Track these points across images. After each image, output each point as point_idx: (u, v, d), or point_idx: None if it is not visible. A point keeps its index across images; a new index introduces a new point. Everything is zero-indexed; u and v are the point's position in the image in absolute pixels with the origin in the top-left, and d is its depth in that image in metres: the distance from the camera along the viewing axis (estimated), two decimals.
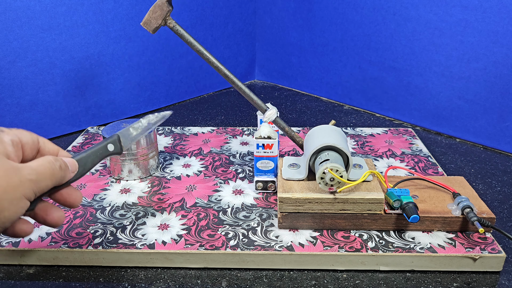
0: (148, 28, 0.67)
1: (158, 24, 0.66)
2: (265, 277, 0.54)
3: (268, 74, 1.29)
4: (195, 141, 0.86)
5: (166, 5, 0.66)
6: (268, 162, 0.66)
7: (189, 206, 0.65)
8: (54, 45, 0.88)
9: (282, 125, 0.68)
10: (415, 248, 0.55)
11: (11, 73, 0.84)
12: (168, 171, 0.75)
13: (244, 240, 0.57)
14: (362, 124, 0.98)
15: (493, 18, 0.80)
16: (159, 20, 0.66)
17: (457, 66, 0.88)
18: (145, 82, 1.05)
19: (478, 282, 0.53)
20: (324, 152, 0.59)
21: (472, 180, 0.75)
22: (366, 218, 0.58)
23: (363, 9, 1.00)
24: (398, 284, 0.53)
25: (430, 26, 0.89)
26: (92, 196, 0.68)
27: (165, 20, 0.67)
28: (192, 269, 0.56)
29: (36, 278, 0.54)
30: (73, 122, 0.95)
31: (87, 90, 0.95)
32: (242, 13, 1.20)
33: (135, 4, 0.96)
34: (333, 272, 0.55)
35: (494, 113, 0.85)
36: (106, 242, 0.57)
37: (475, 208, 0.57)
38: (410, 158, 0.79)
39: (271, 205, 0.65)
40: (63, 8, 0.87)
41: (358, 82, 1.06)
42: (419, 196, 0.62)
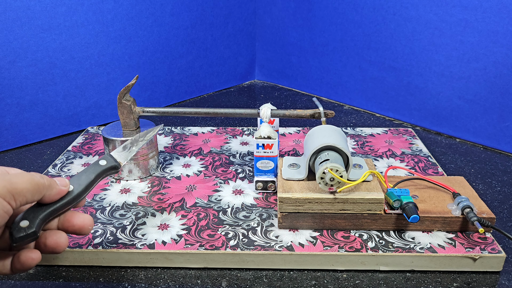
0: (130, 128, 0.72)
1: (134, 119, 0.72)
2: (265, 277, 0.54)
3: (268, 74, 1.29)
4: (195, 141, 0.86)
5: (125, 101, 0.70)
6: (268, 162, 0.66)
7: (189, 206, 0.65)
8: (54, 45, 0.88)
9: (282, 113, 0.69)
10: (415, 248, 0.55)
11: (11, 73, 0.84)
12: (168, 171, 0.75)
13: (244, 240, 0.57)
14: (362, 124, 0.98)
15: (493, 18, 0.80)
16: (131, 116, 0.72)
17: (457, 66, 0.88)
18: (145, 82, 1.05)
19: (478, 282, 0.53)
20: (324, 152, 0.59)
21: (472, 180, 0.75)
22: (366, 218, 0.58)
23: (363, 9, 1.00)
24: (398, 284, 0.53)
25: (430, 26, 0.89)
26: (92, 196, 0.68)
27: (134, 113, 0.72)
28: (192, 269, 0.56)
29: (36, 278, 0.54)
30: (73, 122, 0.95)
31: (87, 90, 0.95)
32: (242, 13, 1.20)
33: (135, 4, 0.97)
34: (333, 272, 0.55)
35: (494, 113, 0.85)
36: (106, 242, 0.57)
37: (475, 208, 0.57)
38: (410, 158, 0.79)
39: (271, 205, 0.65)
40: (63, 8, 0.87)
41: (358, 82, 1.06)
42: (419, 196, 0.62)
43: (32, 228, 0.41)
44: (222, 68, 1.22)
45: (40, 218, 0.42)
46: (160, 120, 1.01)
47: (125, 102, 0.70)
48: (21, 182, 0.39)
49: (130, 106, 0.71)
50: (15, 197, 0.39)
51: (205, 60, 1.16)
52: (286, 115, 0.69)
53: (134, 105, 0.71)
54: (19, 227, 0.41)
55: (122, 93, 0.70)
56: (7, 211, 0.39)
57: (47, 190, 0.42)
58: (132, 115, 0.71)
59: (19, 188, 0.39)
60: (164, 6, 1.02)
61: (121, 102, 0.70)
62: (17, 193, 0.39)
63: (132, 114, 0.71)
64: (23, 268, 0.42)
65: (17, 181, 0.39)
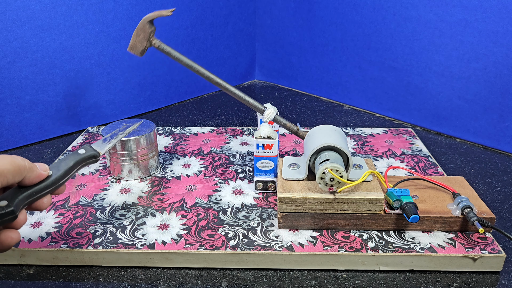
0: (135, 52, 0.68)
1: (144, 47, 0.68)
2: (265, 277, 0.54)
3: (268, 74, 1.29)
4: (195, 141, 0.86)
5: (148, 26, 0.67)
6: (268, 162, 0.66)
7: (189, 206, 0.65)
8: (54, 45, 0.88)
9: (283, 122, 0.68)
10: (415, 248, 0.55)
11: (11, 73, 0.84)
12: (168, 171, 0.75)
13: (244, 240, 0.57)
14: (362, 124, 0.98)
15: (493, 18, 0.80)
16: (144, 42, 0.68)
17: (457, 66, 0.88)
18: (145, 82, 1.05)
19: (478, 282, 0.53)
20: (324, 152, 0.59)
21: (472, 180, 0.75)
22: (366, 218, 0.58)
23: (363, 9, 1.00)
24: (398, 284, 0.53)
25: (430, 26, 0.89)
26: (92, 196, 0.68)
27: (150, 41, 0.68)
28: (192, 269, 0.56)
29: (36, 278, 0.54)
30: (73, 122, 0.95)
31: (87, 90, 0.95)
32: (242, 13, 1.20)
33: (135, 4, 0.97)
34: (333, 272, 0.55)
35: (494, 113, 0.85)
36: (106, 242, 0.57)
37: (475, 208, 0.57)
38: (410, 158, 0.79)
39: (271, 205, 0.65)
40: (63, 8, 0.87)
41: (358, 82, 1.06)
42: (419, 196, 0.62)
43: (11, 207, 0.43)
44: (222, 68, 1.22)
45: (19, 199, 0.44)
46: (160, 120, 1.01)
47: (148, 27, 0.66)
48: (2, 163, 0.42)
49: (149, 33, 0.67)
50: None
51: (205, 60, 1.16)
52: (287, 126, 0.68)
53: (153, 35, 0.68)
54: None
55: (150, 17, 0.66)
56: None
57: (27, 172, 0.44)
58: (146, 42, 0.68)
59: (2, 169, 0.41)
60: (164, 6, 1.02)
61: (144, 24, 0.66)
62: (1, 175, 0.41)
63: (146, 42, 0.68)
64: (3, 247, 0.44)
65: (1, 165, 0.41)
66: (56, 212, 0.64)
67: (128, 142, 0.69)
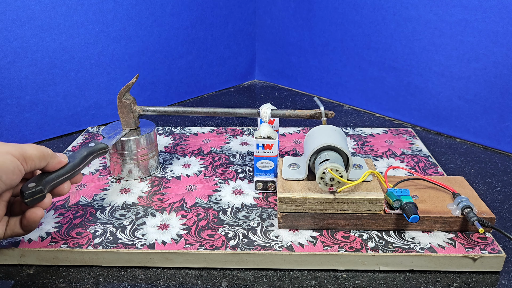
0: (130, 126, 0.72)
1: (133, 118, 0.72)
2: (265, 277, 0.54)
3: (268, 74, 1.29)
4: (195, 141, 0.86)
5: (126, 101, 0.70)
6: (268, 162, 0.66)
7: (189, 206, 0.65)
8: (54, 45, 0.88)
9: (282, 113, 0.68)
10: (415, 248, 0.55)
11: (11, 73, 0.84)
12: (168, 171, 0.75)
13: (244, 240, 0.57)
14: (362, 124, 0.98)
15: (493, 18, 0.80)
16: (131, 115, 0.71)
17: (457, 66, 0.88)
18: (145, 82, 1.05)
19: (478, 282, 0.53)
20: (324, 152, 0.59)
21: (472, 180, 0.75)
22: (366, 218, 0.58)
23: (363, 9, 1.00)
24: (398, 284, 0.53)
25: (430, 26, 0.89)
26: (92, 196, 0.68)
27: (134, 111, 0.71)
28: (192, 269, 0.56)
29: (36, 278, 0.54)
30: (73, 122, 0.95)
31: (87, 90, 0.95)
32: (242, 13, 1.20)
33: (135, 4, 0.97)
34: (333, 272, 0.55)
35: (494, 113, 0.85)
36: (106, 242, 0.57)
37: (475, 208, 0.57)
38: (410, 158, 0.79)
39: (271, 205, 0.65)
40: (63, 8, 0.87)
41: (358, 82, 1.06)
42: (419, 196, 0.62)
43: (39, 186, 0.51)
44: (222, 68, 1.22)
45: (45, 181, 0.52)
46: (160, 120, 1.01)
47: (125, 101, 0.70)
48: (31, 149, 0.50)
49: (130, 105, 0.71)
50: (26, 160, 0.49)
51: (205, 60, 1.16)
52: (286, 115, 0.69)
53: (134, 104, 0.71)
54: (28, 187, 0.50)
55: (122, 92, 0.70)
56: (21, 170, 0.49)
57: (51, 158, 0.52)
58: (132, 114, 0.71)
59: (29, 153, 0.49)
60: (164, 6, 1.02)
61: (121, 101, 0.70)
62: (28, 157, 0.49)
63: (132, 113, 0.71)
64: (29, 223, 0.51)
65: (27, 148, 0.50)
66: (56, 212, 0.64)
67: (128, 142, 0.70)
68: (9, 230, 0.52)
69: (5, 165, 0.47)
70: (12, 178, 0.48)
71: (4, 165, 0.47)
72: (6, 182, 0.48)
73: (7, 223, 0.52)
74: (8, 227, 0.52)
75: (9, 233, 0.52)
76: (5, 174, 0.47)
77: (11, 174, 0.47)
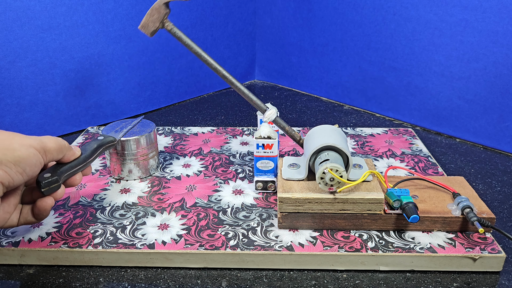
0: (146, 31, 0.67)
1: (156, 27, 0.66)
2: (265, 277, 0.54)
3: (268, 74, 1.29)
4: (195, 141, 0.86)
5: (163, 8, 0.65)
6: (268, 162, 0.66)
7: (189, 206, 0.65)
8: (54, 45, 0.88)
9: (282, 125, 0.68)
10: (415, 248, 0.55)
11: (11, 73, 0.84)
12: (168, 171, 0.75)
13: (244, 240, 0.57)
14: (362, 124, 0.98)
15: (493, 18, 0.80)
16: (157, 23, 0.66)
17: (457, 66, 0.88)
18: (145, 82, 1.05)
19: (478, 282, 0.53)
20: (324, 152, 0.59)
21: (472, 180, 0.75)
22: (366, 218, 0.58)
23: (363, 9, 1.00)
24: (398, 284, 0.53)
25: (430, 26, 0.89)
26: (92, 196, 0.68)
27: (163, 23, 0.66)
28: (192, 269, 0.56)
29: (36, 278, 0.54)
30: (73, 122, 0.95)
31: (87, 90, 0.95)
32: (242, 13, 1.20)
33: (135, 4, 0.96)
34: (333, 272, 0.55)
35: (494, 113, 0.85)
36: (106, 242, 0.57)
37: (475, 208, 0.57)
38: (410, 158, 0.79)
39: (271, 205, 0.65)
40: (63, 8, 0.87)
41: (358, 82, 1.06)
42: (419, 196, 0.62)
43: (55, 177, 0.53)
44: None
45: (60, 171, 0.54)
46: (160, 120, 1.01)
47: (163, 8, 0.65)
48: (50, 142, 0.52)
49: (164, 15, 0.66)
50: (46, 153, 0.51)
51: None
52: (286, 130, 0.68)
53: (167, 17, 0.66)
54: (45, 177, 0.53)
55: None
56: (41, 162, 0.51)
57: (67, 150, 0.55)
58: (159, 23, 0.66)
59: (48, 146, 0.51)
60: None
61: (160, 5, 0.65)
62: (48, 150, 0.51)
63: (159, 23, 0.66)
64: (40, 212, 0.53)
65: (47, 141, 0.51)
66: (56, 212, 0.64)
67: (128, 142, 0.70)
68: (22, 218, 0.54)
69: (29, 158, 0.49)
70: (34, 170, 0.50)
71: (28, 159, 0.49)
72: (29, 174, 0.50)
73: (21, 211, 0.54)
74: (22, 215, 0.54)
75: (22, 221, 0.54)
76: (29, 166, 0.49)
77: (33, 166, 0.50)
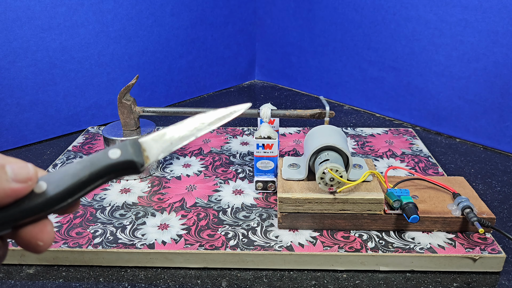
0: (130, 128, 0.72)
1: (134, 119, 0.72)
2: (265, 277, 0.54)
3: (268, 74, 1.29)
4: (195, 141, 0.86)
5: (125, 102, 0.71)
6: (268, 162, 0.66)
7: (189, 206, 0.65)
8: (54, 45, 0.88)
9: (282, 113, 0.69)
10: (415, 249, 0.55)
11: (11, 73, 0.84)
12: (168, 171, 0.75)
13: (244, 240, 0.57)
14: (362, 124, 0.98)
15: (493, 18, 0.80)
16: (131, 116, 0.72)
17: (457, 66, 0.88)
18: (145, 82, 1.05)
19: (478, 282, 0.53)
20: (324, 152, 0.59)
21: (472, 180, 0.75)
22: (366, 218, 0.58)
23: (363, 9, 0.99)
24: (398, 284, 0.53)
25: (430, 26, 0.89)
26: (92, 196, 0.68)
27: (134, 112, 0.72)
28: (192, 269, 0.56)
29: (36, 278, 0.54)
30: (73, 122, 0.95)
31: (87, 90, 0.95)
32: (242, 13, 1.20)
33: (135, 4, 0.96)
34: (333, 272, 0.55)
35: (494, 113, 0.85)
36: (106, 242, 0.57)
37: (475, 208, 0.57)
38: (410, 158, 0.79)
39: (271, 205, 0.65)
40: (63, 8, 0.87)
41: (358, 82, 1.06)
42: (419, 196, 0.62)
43: None
44: (222, 68, 1.22)
45: None
46: (160, 120, 1.01)
47: (125, 102, 0.70)
48: None
49: (130, 106, 0.71)
50: None
51: (205, 60, 1.16)
52: (286, 115, 0.69)
53: (135, 104, 0.71)
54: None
55: (122, 93, 0.70)
56: None
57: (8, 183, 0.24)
58: (132, 114, 0.71)
59: None
60: (164, 6, 1.02)
61: (121, 102, 0.70)
62: None
63: (132, 114, 0.71)
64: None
65: None
66: None
67: None
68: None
69: None
70: None
71: None
72: None
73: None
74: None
75: None
76: None
77: None
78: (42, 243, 0.26)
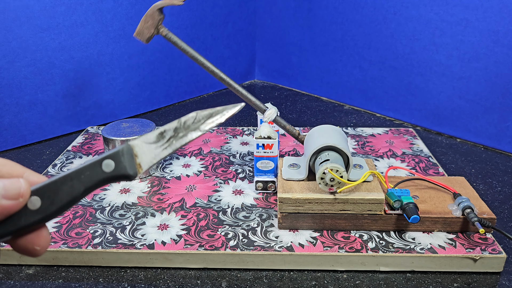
0: (141, 38, 0.67)
1: (151, 34, 0.67)
2: (265, 278, 0.54)
3: (268, 74, 1.29)
4: (195, 141, 0.86)
5: (157, 14, 0.66)
6: (268, 162, 0.66)
7: (188, 206, 0.65)
8: (53, 44, 0.87)
9: (283, 124, 0.68)
10: (415, 249, 0.55)
11: (10, 73, 0.84)
12: (168, 171, 0.75)
13: (244, 241, 0.57)
14: (363, 124, 0.98)
15: (494, 17, 0.80)
16: (152, 29, 0.66)
17: (457, 66, 0.87)
18: (145, 82, 1.05)
19: (478, 282, 0.53)
20: (324, 152, 0.59)
21: (472, 180, 0.75)
22: (366, 219, 0.58)
23: (363, 9, 0.99)
24: (398, 285, 0.53)
25: (431, 26, 0.89)
26: (92, 196, 0.68)
27: (158, 29, 0.67)
28: (192, 269, 0.56)
29: (35, 278, 0.54)
30: (73, 122, 0.95)
31: (86, 90, 0.95)
32: (242, 13, 1.20)
33: (134, 4, 0.96)
34: (333, 272, 0.55)
35: (495, 113, 0.85)
36: (105, 242, 0.57)
37: (475, 208, 0.57)
38: (410, 158, 0.79)
39: (271, 205, 0.65)
40: (62, 8, 0.87)
41: (358, 82, 1.06)
42: (419, 196, 0.62)
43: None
44: (222, 68, 1.21)
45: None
46: (160, 120, 1.01)
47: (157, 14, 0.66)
48: None
49: (158, 21, 0.67)
50: None
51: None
52: (287, 128, 0.68)
53: (161, 22, 0.67)
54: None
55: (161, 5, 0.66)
56: None
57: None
58: (154, 30, 0.67)
59: None
60: None
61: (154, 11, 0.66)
62: None
63: (154, 29, 0.67)
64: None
65: None
66: None
67: None
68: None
69: None
70: None
71: None
72: None
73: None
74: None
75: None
76: None
77: None
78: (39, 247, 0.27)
